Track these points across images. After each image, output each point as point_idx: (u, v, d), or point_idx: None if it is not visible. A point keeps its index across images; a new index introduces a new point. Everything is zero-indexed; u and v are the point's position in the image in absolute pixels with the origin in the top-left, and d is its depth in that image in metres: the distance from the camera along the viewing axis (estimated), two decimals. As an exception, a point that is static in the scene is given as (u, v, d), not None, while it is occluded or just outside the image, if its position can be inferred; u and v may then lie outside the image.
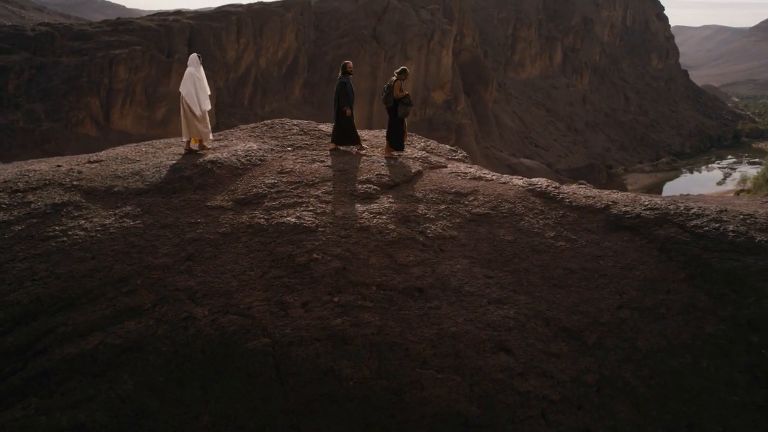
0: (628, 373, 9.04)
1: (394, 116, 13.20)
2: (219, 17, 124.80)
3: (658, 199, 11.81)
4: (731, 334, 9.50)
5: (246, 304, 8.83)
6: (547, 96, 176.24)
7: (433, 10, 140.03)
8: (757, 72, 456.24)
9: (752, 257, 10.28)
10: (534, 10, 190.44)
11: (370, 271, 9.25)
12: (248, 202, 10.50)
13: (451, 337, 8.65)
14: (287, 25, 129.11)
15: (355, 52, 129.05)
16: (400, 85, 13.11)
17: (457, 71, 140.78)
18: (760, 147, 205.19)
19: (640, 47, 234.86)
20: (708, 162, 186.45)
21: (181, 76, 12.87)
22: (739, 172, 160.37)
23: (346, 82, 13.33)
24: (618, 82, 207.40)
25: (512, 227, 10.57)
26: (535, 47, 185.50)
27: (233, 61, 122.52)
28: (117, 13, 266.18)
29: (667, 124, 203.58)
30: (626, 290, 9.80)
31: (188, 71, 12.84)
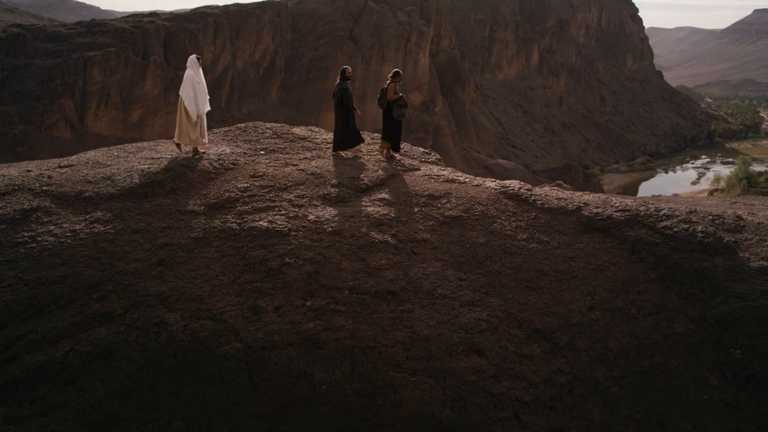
0: (600, 373, 9.11)
1: (390, 118, 13.23)
2: (195, 19, 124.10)
3: (629, 201, 11.92)
4: (700, 334, 9.61)
5: (218, 309, 8.78)
6: (524, 97, 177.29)
7: (410, 12, 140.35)
8: (729, 73, 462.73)
9: (720, 257, 10.42)
10: (510, 12, 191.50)
11: (342, 275, 9.24)
12: (220, 206, 10.44)
13: (423, 340, 8.67)
14: (264, 27, 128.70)
15: (332, 53, 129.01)
16: (394, 87, 13.18)
17: (435, 72, 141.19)
18: (733, 147, 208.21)
19: (616, 48, 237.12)
20: (682, 162, 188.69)
21: (156, 78, 12.88)
22: (713, 172, 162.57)
23: (347, 88, 13.34)
24: (594, 83, 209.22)
25: (485, 230, 10.61)
26: (512, 49, 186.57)
27: (210, 62, 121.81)
28: (91, 14, 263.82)
29: (642, 124, 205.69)
30: (598, 291, 9.88)
31: (188, 74, 12.72)
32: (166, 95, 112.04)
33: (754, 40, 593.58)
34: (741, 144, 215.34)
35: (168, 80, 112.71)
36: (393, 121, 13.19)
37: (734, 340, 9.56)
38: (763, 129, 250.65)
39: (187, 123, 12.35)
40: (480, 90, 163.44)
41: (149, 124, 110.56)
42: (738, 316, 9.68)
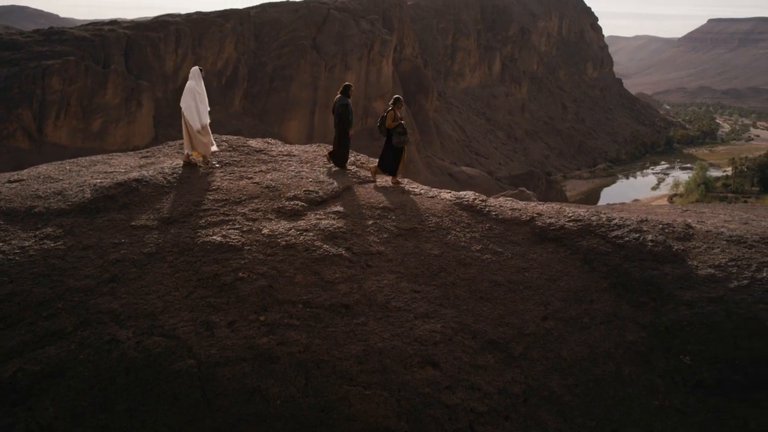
0: (554, 382, 9.20)
1: (389, 145, 13.15)
2: (157, 27, 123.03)
3: (581, 211, 12.09)
4: (651, 341, 9.77)
5: (171, 325, 8.70)
6: (487, 105, 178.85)
7: (372, 21, 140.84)
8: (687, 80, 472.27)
9: (670, 266, 10.62)
10: (472, 21, 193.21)
11: (296, 289, 9.22)
12: (174, 220, 10.35)
13: (377, 352, 8.69)
14: (227, 36, 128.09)
15: (295, 62, 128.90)
16: (393, 114, 13.08)
17: (398, 81, 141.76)
18: (691, 153, 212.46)
19: (576, 57, 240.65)
20: (643, 168, 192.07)
21: (117, 87, 12.79)
22: (672, 178, 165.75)
23: (347, 104, 13.35)
24: (555, 91, 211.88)
25: (439, 241, 10.68)
26: (475, 57, 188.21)
27: (171, 71, 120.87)
28: (49, 22, 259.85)
29: (603, 131, 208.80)
30: (551, 301, 10.00)
31: (189, 85, 12.67)
32: (128, 104, 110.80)
33: (709, 48, 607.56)
34: (698, 150, 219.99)
35: (129, 89, 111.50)
36: (393, 148, 13.12)
37: (683, 346, 9.74)
38: (719, 135, 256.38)
39: (194, 132, 12.39)
40: (443, 98, 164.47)
41: (110, 133, 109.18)
42: (687, 323, 9.87)
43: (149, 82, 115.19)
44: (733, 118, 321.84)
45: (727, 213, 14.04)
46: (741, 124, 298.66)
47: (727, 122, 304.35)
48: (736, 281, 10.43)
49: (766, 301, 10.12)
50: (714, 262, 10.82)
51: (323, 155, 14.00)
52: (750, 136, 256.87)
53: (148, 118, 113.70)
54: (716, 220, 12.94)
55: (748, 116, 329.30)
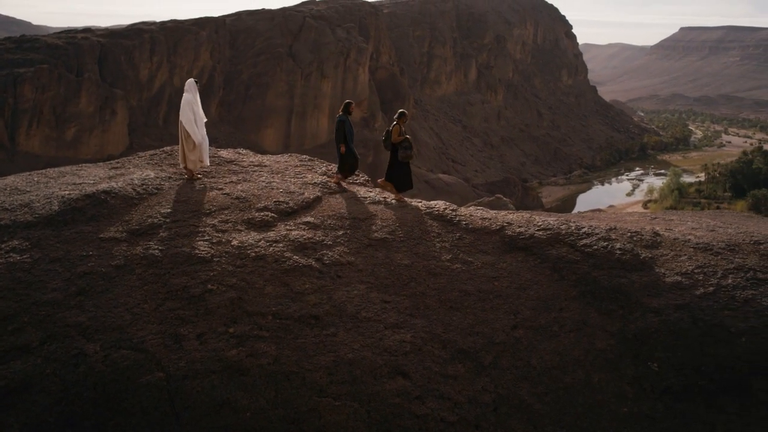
0: (524, 391, 9.25)
1: (395, 160, 13.25)
2: (131, 35, 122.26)
3: (551, 220, 12.20)
4: (620, 349, 9.87)
5: (139, 338, 8.64)
6: (463, 112, 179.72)
7: (348, 29, 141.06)
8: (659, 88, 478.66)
9: (637, 274, 10.74)
10: (448, 29, 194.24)
11: (265, 301, 9.21)
12: (143, 232, 10.30)
13: (347, 363, 8.69)
14: (202, 44, 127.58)
15: (271, 70, 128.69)
16: (399, 129, 13.12)
17: (374, 89, 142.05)
18: (665, 159, 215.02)
19: (551, 64, 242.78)
20: (617, 174, 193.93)
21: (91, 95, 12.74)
22: (647, 184, 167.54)
23: (345, 120, 13.46)
24: (531, 98, 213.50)
25: (409, 251, 10.72)
26: (451, 65, 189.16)
27: (146, 80, 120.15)
28: (22, 29, 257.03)
29: (578, 138, 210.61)
30: (520, 310, 10.07)
31: (186, 98, 12.72)
32: (102, 113, 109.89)
33: (681, 56, 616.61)
34: (672, 156, 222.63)
35: (103, 97, 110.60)
36: (399, 162, 13.20)
37: (651, 353, 9.84)
38: (692, 141, 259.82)
39: (186, 147, 12.41)
40: (420, 105, 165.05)
41: (84, 142, 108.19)
42: (654, 330, 9.98)
43: (124, 90, 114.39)
44: (705, 125, 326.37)
45: (694, 220, 14.22)
46: (713, 131, 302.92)
47: (699, 129, 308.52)
48: (702, 288, 10.57)
49: (731, 307, 10.27)
50: (681, 270, 10.96)
51: (294, 165, 14.01)
52: (722, 143, 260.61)
53: (122, 127, 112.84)
54: (684, 228, 13.11)
55: (720, 123, 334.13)
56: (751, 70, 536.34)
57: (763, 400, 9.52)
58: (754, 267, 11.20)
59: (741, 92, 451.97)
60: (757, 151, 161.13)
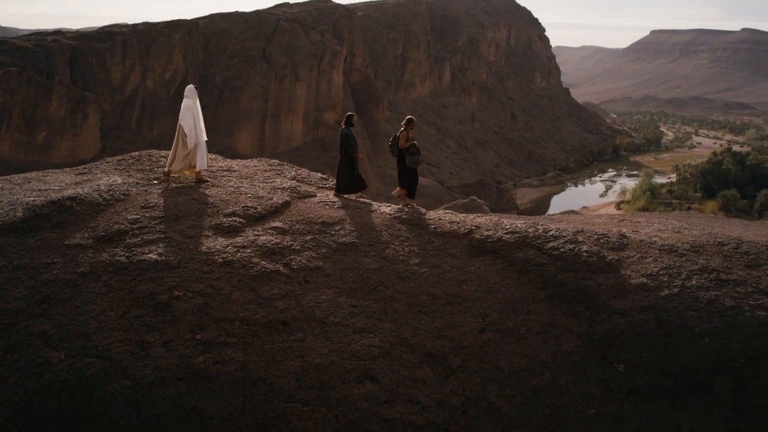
0: (492, 393, 9.30)
1: (403, 166, 13.36)
2: (103, 38, 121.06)
3: (519, 223, 12.29)
4: (586, 350, 9.96)
5: (105, 346, 8.57)
6: (438, 114, 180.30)
7: (322, 31, 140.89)
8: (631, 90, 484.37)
9: (603, 276, 10.86)
10: (422, 31, 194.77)
11: (233, 307, 9.17)
12: (109, 239, 10.20)
13: (315, 369, 8.69)
14: (174, 46, 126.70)
15: (245, 73, 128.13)
16: (406, 135, 13.19)
17: (348, 91, 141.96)
18: (637, 160, 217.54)
19: (524, 66, 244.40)
20: (591, 175, 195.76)
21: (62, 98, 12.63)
22: (619, 185, 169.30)
23: (348, 133, 13.52)
24: (504, 101, 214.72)
25: (378, 255, 10.74)
26: (425, 67, 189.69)
27: (118, 82, 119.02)
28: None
29: (551, 139, 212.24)
30: (488, 313, 10.12)
31: (186, 103, 12.80)
32: (73, 116, 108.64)
33: (652, 58, 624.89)
34: (644, 157, 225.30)
35: (74, 101, 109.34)
36: (406, 168, 13.30)
37: (617, 354, 9.95)
38: (663, 143, 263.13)
39: (183, 151, 12.55)
40: (394, 108, 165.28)
41: (55, 146, 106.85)
42: (620, 331, 10.10)
43: (95, 93, 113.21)
44: (677, 127, 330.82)
45: (661, 222, 14.42)
46: (684, 132, 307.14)
47: (670, 130, 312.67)
48: (666, 290, 10.72)
49: (695, 308, 10.42)
50: (646, 272, 11.10)
51: (264, 170, 13.97)
52: (692, 144, 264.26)
53: (94, 131, 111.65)
54: (650, 230, 13.28)
55: (691, 124, 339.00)
56: (720, 73, 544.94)
57: (726, 400, 9.68)
58: (718, 268, 11.38)
59: (711, 94, 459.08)
60: (726, 152, 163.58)
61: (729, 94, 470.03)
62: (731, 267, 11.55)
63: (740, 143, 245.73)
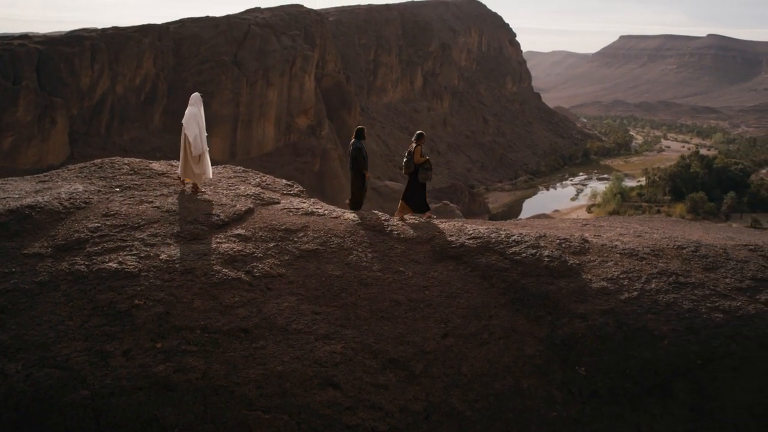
0: (455, 398, 9.36)
1: (415, 181, 13.42)
2: (71, 42, 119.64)
3: (482, 228, 12.38)
4: (548, 354, 10.07)
5: (64, 356, 8.48)
6: (410, 119, 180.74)
7: (294, 36, 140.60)
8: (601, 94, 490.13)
9: (565, 280, 10.99)
10: (394, 37, 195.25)
11: (194, 315, 9.12)
12: (69, 248, 10.09)
13: (277, 376, 8.68)
14: (144, 51, 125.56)
15: (216, 78, 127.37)
16: (420, 150, 13.31)
17: (320, 96, 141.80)
18: (607, 164, 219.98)
19: (496, 71, 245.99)
20: (562, 179, 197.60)
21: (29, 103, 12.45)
22: (590, 188, 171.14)
23: (361, 148, 13.43)
24: (476, 105, 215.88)
25: (341, 262, 10.75)
26: (397, 72, 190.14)
27: (87, 88, 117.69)
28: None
29: (523, 144, 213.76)
30: (451, 318, 10.19)
31: (191, 111, 12.78)
32: (41, 122, 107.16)
33: (621, 63, 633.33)
34: (614, 161, 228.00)
35: (42, 106, 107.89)
36: (419, 184, 13.41)
37: (578, 358, 10.07)
38: (633, 147, 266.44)
39: (191, 159, 12.56)
40: (366, 113, 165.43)
41: (22, 152, 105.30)
42: (581, 335, 10.22)
43: (64, 98, 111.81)
44: (646, 131, 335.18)
45: (623, 226, 14.62)
46: (653, 136, 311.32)
47: (640, 134, 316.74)
48: (626, 293, 10.88)
49: (654, 311, 10.59)
50: (607, 275, 11.25)
51: (228, 177, 13.92)
52: (661, 147, 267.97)
53: (63, 136, 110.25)
54: (612, 234, 13.46)
55: (659, 128, 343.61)
56: (687, 78, 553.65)
57: (684, 401, 9.84)
58: (677, 271, 11.58)
59: (678, 99, 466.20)
60: (694, 156, 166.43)
61: (696, 99, 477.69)
62: (690, 270, 11.76)
63: (707, 147, 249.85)
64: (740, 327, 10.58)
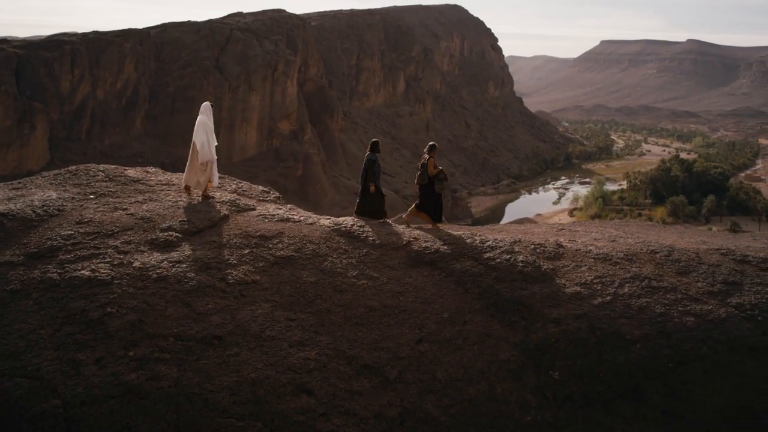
0: (429, 404, 9.39)
1: (431, 192, 13.65)
2: (51, 47, 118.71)
3: (457, 234, 12.46)
4: (522, 359, 10.13)
5: (35, 365, 8.42)
6: (392, 124, 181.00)
7: (276, 41, 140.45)
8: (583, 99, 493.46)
9: (539, 285, 11.07)
10: (376, 41, 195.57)
11: (167, 322, 9.10)
12: (41, 255, 10.03)
13: (250, 383, 8.67)
14: (126, 56, 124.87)
15: (198, 83, 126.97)
16: (434, 162, 13.61)
17: (303, 101, 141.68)
18: (589, 168, 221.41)
19: (478, 76, 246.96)
20: (544, 183, 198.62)
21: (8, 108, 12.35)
22: (572, 192, 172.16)
23: (375, 160, 13.65)
24: (459, 110, 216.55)
25: (315, 268, 10.76)
26: (379, 77, 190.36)
27: (67, 92, 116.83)
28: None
29: (505, 148, 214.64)
30: (425, 324, 10.23)
31: (201, 119, 13.01)
32: (20, 127, 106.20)
33: (602, 68, 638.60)
34: (596, 165, 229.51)
35: (21, 111, 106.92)
36: (434, 194, 13.65)
37: (552, 362, 10.14)
38: (614, 151, 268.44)
39: (197, 167, 12.72)
40: (349, 117, 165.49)
41: (1, 158, 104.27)
42: (555, 340, 10.30)
43: (44, 103, 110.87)
44: (627, 135, 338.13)
45: (598, 231, 14.74)
46: (634, 140, 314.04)
47: (621, 138, 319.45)
48: (600, 298, 10.98)
49: (627, 315, 10.69)
50: (580, 280, 11.35)
51: None
52: (642, 151, 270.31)
53: (42, 141, 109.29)
54: (587, 239, 13.57)
55: (640, 132, 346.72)
56: (667, 82, 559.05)
57: (657, 404, 9.95)
58: (649, 276, 11.70)
59: (659, 103, 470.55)
60: (674, 160, 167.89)
61: (676, 103, 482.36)
62: (662, 274, 11.88)
63: (687, 151, 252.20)
64: (711, 330, 10.71)
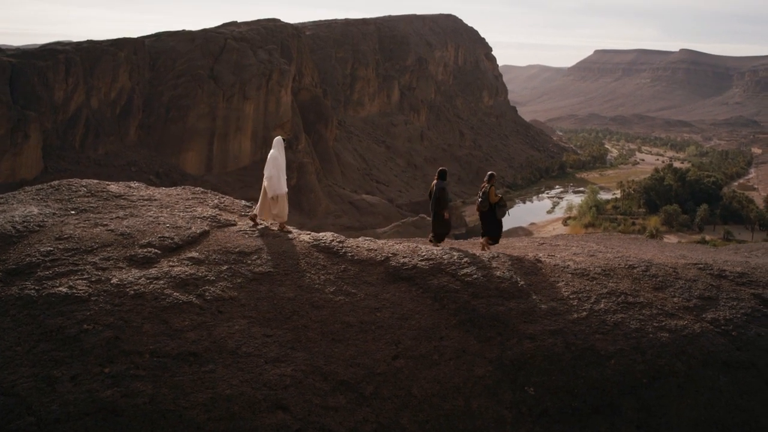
0: (405, 419, 9.46)
1: (492, 217, 14.42)
2: (45, 56, 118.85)
3: (435, 250, 12.55)
4: (498, 375, 10.22)
5: (10, 382, 8.47)
6: (387, 133, 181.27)
7: (270, 50, 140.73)
8: (577, 108, 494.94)
9: (515, 301, 11.17)
10: (371, 51, 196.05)
11: (143, 339, 9.15)
12: (20, 272, 10.07)
13: (225, 399, 8.73)
14: (120, 65, 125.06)
15: (192, 92, 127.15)
16: (494, 190, 14.34)
17: (297, 110, 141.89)
18: (583, 177, 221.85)
19: (472, 85, 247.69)
20: (538, 192, 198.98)
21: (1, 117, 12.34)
22: (566, 201, 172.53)
23: (445, 188, 14.16)
24: (453, 119, 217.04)
25: (293, 284, 10.83)
26: (374, 86, 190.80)
27: (61, 101, 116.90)
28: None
29: (499, 157, 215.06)
30: (402, 340, 10.31)
31: (272, 154, 13.22)
32: (13, 136, 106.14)
33: (596, 77, 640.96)
34: (589, 174, 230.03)
35: (15, 120, 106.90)
36: (495, 219, 14.41)
37: (528, 378, 10.24)
38: (608, 160, 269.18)
39: (271, 202, 13.01)
40: (343, 127, 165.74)
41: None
42: (530, 355, 10.40)
43: (37, 112, 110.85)
44: (621, 144, 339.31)
45: (579, 245, 14.88)
46: (628, 149, 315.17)
47: (615, 147, 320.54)
48: (575, 313, 11.09)
49: (602, 331, 10.81)
50: (556, 296, 11.46)
51: (186, 198, 13.96)
52: (636, 160, 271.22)
53: (36, 150, 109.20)
54: (566, 254, 13.69)
55: (634, 141, 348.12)
56: (661, 91, 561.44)
57: (631, 419, 10.05)
58: (626, 291, 11.82)
59: (652, 112, 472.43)
60: (667, 169, 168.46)
61: (669, 112, 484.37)
62: (639, 290, 12.00)
63: (681, 159, 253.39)
64: (685, 346, 10.83)
